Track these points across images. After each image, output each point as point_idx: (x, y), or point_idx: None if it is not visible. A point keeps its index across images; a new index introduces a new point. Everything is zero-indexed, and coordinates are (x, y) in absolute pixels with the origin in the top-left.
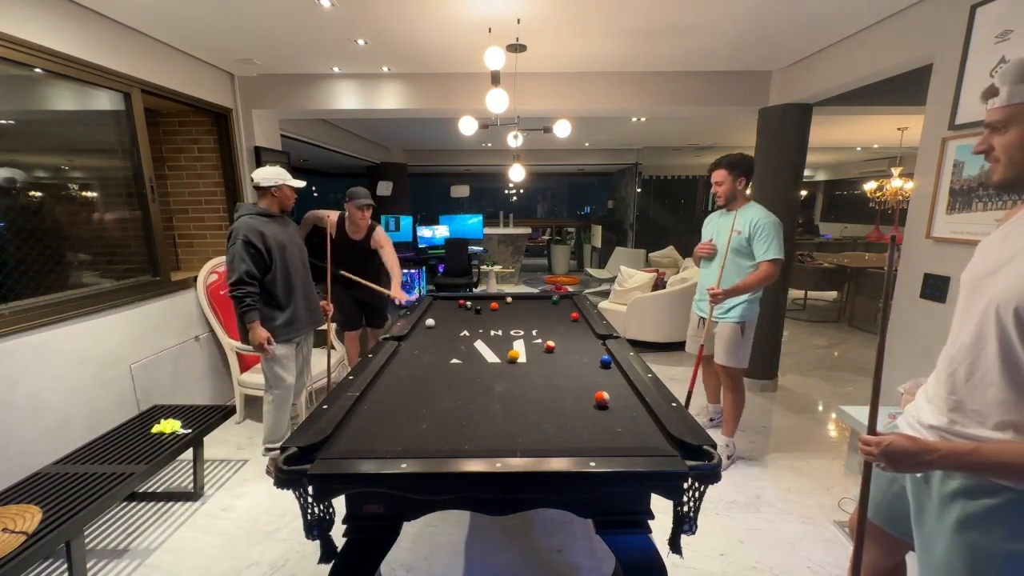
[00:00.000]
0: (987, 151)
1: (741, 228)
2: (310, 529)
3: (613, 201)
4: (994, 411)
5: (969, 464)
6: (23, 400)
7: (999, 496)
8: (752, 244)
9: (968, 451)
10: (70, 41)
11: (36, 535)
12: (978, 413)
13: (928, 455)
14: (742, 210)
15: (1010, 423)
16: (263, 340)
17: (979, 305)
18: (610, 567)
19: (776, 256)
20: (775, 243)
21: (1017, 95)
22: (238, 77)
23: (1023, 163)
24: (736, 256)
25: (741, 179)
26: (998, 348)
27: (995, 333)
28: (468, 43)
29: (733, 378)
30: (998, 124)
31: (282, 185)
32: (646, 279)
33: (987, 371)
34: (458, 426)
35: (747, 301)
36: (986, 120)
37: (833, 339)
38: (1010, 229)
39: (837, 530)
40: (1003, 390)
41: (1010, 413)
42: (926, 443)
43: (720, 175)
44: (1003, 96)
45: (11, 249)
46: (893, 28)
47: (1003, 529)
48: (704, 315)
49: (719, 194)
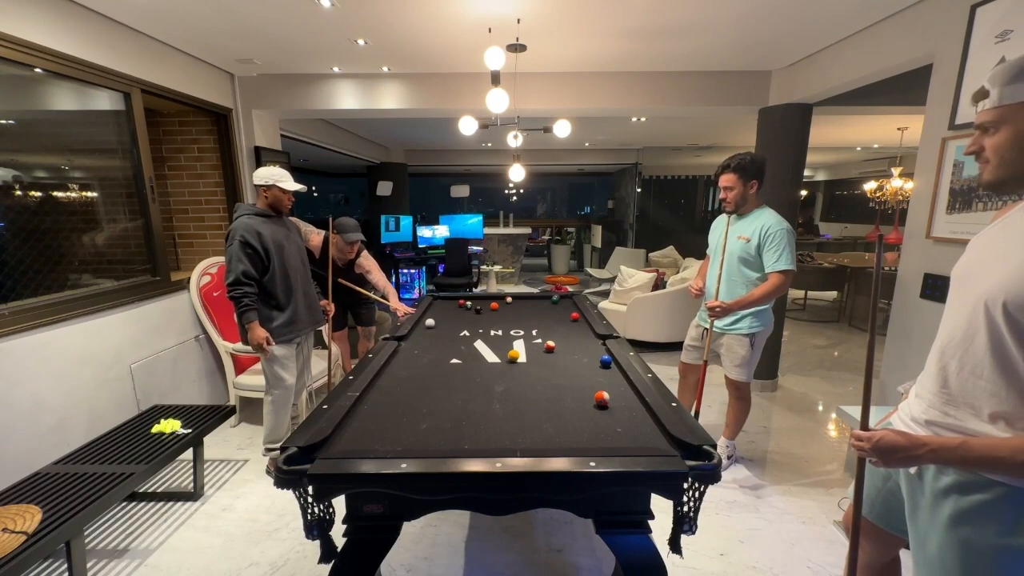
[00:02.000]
0: (978, 152)
1: (749, 235)
2: (310, 529)
3: (613, 201)
4: (986, 403)
5: (958, 458)
6: (23, 400)
7: (990, 491)
8: (762, 253)
9: (956, 445)
10: (70, 41)
11: (36, 535)
12: (971, 406)
13: (917, 449)
14: (752, 215)
15: (1002, 414)
16: (262, 340)
17: (969, 300)
18: (610, 567)
19: (788, 267)
20: (787, 252)
21: (1007, 96)
22: (238, 77)
23: (1013, 163)
24: (742, 266)
25: (752, 183)
26: (988, 341)
27: (985, 327)
28: (468, 43)
29: (740, 388)
30: (988, 125)
31: (272, 186)
32: (646, 279)
33: (978, 364)
34: (458, 426)
35: (757, 315)
36: (976, 122)
37: (833, 339)
38: (1000, 226)
39: (837, 530)
40: (994, 382)
41: (1002, 404)
42: (915, 437)
43: (729, 179)
44: (993, 98)
45: (11, 249)
46: (893, 28)
47: (995, 524)
48: (706, 325)
49: (728, 200)
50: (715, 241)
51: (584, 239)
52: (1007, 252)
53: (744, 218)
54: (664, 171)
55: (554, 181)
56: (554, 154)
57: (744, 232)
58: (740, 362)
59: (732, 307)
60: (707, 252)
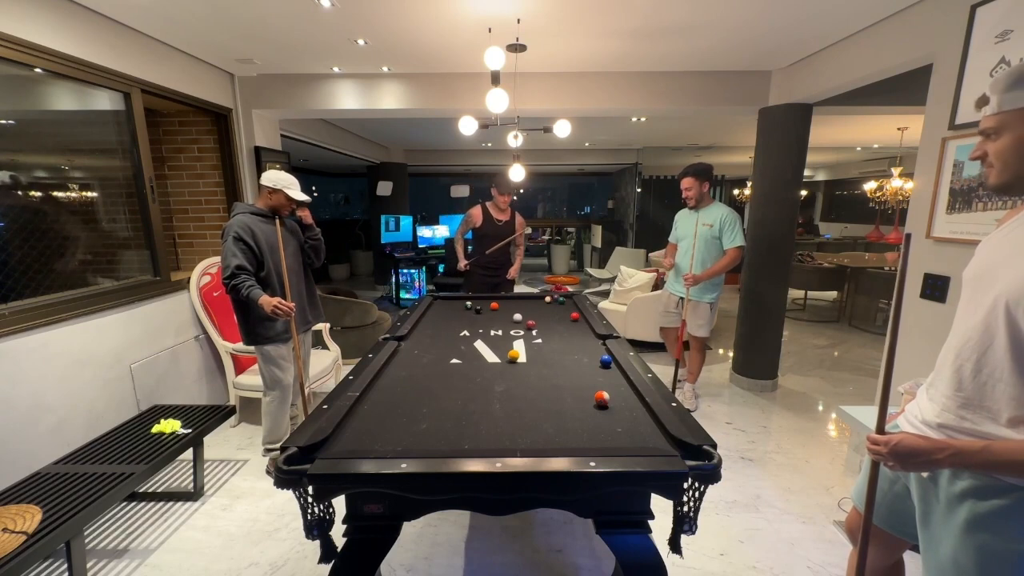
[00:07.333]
0: (982, 157)
1: (711, 222)
2: (310, 529)
3: (613, 201)
4: (1006, 407)
5: (979, 462)
6: (23, 400)
7: (1010, 496)
8: (721, 235)
9: (978, 449)
10: (70, 41)
11: (36, 535)
12: (989, 410)
13: (938, 453)
14: (709, 208)
15: (1022, 418)
16: (275, 302)
17: (985, 301)
18: (610, 567)
19: (741, 244)
20: (739, 233)
21: (1007, 103)
22: (238, 77)
23: (1016, 167)
24: (706, 246)
25: (705, 183)
26: (1008, 344)
27: (1004, 329)
28: (468, 43)
29: (702, 342)
30: (991, 131)
31: (280, 190)
32: (646, 279)
33: (996, 367)
34: (458, 426)
35: (718, 288)
36: (979, 128)
37: (833, 339)
38: (1014, 226)
39: (837, 530)
40: (1014, 386)
41: (1022, 408)
42: (936, 441)
43: (689, 182)
44: (993, 104)
45: (11, 249)
46: (893, 28)
47: (1015, 529)
48: (683, 295)
49: (690, 197)
50: (684, 230)
51: (584, 239)
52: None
53: (702, 210)
54: (664, 171)
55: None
56: (554, 154)
57: (706, 220)
58: (704, 322)
59: (701, 278)
60: (669, 239)
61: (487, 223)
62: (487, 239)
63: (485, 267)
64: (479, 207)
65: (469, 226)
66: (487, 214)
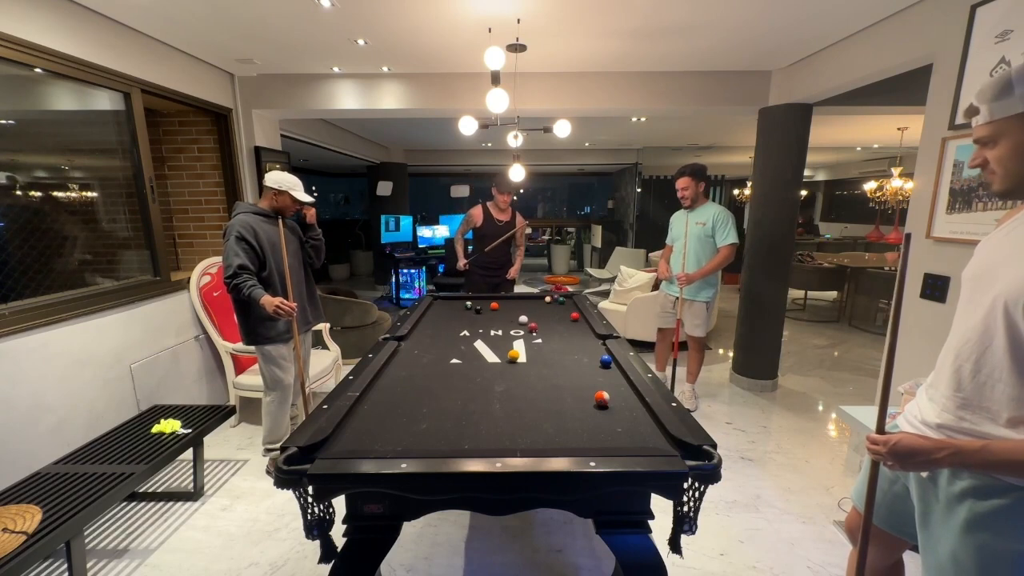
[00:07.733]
0: (982, 165)
1: (704, 220)
2: (310, 529)
3: (613, 201)
4: (1005, 407)
5: (978, 462)
6: (23, 400)
7: (1010, 496)
8: (714, 233)
9: (977, 449)
10: (70, 41)
11: (36, 535)
12: (988, 410)
13: (937, 453)
14: (703, 207)
15: (1022, 419)
16: (277, 302)
17: (984, 301)
18: (610, 567)
19: (734, 241)
20: (732, 231)
21: (997, 111)
22: (238, 77)
23: (1018, 173)
24: (699, 245)
25: (701, 183)
26: (1007, 344)
27: (1004, 329)
28: (468, 43)
29: (699, 342)
30: (986, 139)
31: (285, 192)
32: (646, 279)
33: (995, 367)
34: (458, 426)
35: (713, 287)
36: (974, 137)
37: (833, 339)
38: (1013, 226)
39: (837, 530)
40: (1014, 386)
41: (1021, 409)
42: (935, 441)
43: (685, 182)
44: (984, 114)
45: (11, 249)
46: (893, 28)
47: (1014, 529)
48: (678, 294)
49: (686, 197)
50: (678, 230)
51: (584, 239)
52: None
53: (697, 210)
54: (664, 171)
55: (554, 181)
56: (554, 154)
57: (700, 219)
58: (700, 322)
59: (695, 276)
60: (667, 242)
61: (488, 223)
62: (487, 239)
63: (485, 267)
64: (480, 207)
65: (470, 226)
66: (488, 214)
